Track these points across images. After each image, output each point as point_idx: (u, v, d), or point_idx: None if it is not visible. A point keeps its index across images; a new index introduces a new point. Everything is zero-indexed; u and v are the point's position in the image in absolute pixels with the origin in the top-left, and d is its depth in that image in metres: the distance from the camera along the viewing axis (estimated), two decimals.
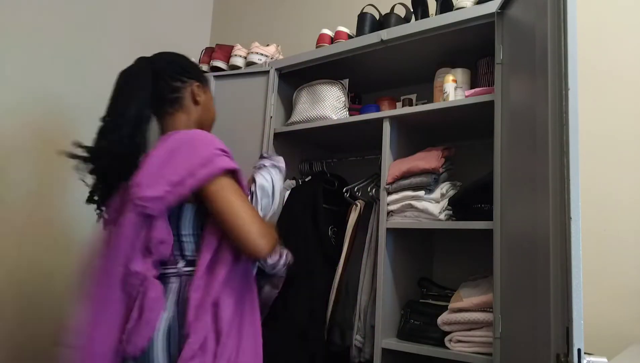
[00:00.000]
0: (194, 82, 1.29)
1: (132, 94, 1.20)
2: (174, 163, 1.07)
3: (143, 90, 1.20)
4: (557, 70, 0.99)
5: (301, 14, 2.64)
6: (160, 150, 1.11)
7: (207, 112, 1.33)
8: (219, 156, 1.10)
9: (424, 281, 1.68)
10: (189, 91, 1.28)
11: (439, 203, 1.52)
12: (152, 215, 1.05)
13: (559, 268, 0.92)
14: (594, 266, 1.50)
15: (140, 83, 1.21)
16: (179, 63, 1.30)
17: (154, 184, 1.05)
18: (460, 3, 1.55)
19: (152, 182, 1.06)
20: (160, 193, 1.04)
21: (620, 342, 1.39)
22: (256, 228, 1.08)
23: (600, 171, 1.56)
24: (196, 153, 1.09)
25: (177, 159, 1.08)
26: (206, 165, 1.07)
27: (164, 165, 1.07)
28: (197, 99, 1.29)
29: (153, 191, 1.04)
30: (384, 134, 1.64)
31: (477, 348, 1.36)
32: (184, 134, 1.14)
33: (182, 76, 1.28)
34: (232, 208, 1.08)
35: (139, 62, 1.28)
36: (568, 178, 0.90)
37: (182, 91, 1.27)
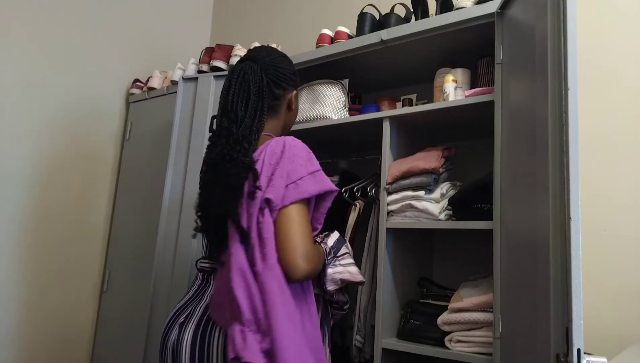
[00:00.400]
0: (293, 90, 1.29)
1: (248, 99, 1.18)
2: (280, 173, 1.08)
3: (257, 95, 1.19)
4: (557, 70, 0.99)
5: (301, 13, 2.65)
6: (267, 155, 1.11)
7: (294, 115, 1.34)
8: (312, 176, 1.11)
9: (424, 281, 1.68)
10: (287, 98, 1.28)
11: (439, 203, 1.52)
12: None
13: (559, 268, 0.92)
14: (594, 266, 1.50)
15: (254, 88, 1.19)
16: (285, 69, 1.26)
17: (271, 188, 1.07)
18: (460, 3, 1.55)
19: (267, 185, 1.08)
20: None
21: (620, 342, 1.39)
22: (302, 248, 1.05)
23: (600, 171, 1.56)
24: (293, 170, 1.09)
25: (280, 170, 1.08)
26: (296, 187, 1.07)
27: (272, 172, 1.09)
28: (292, 107, 1.30)
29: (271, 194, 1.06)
30: (384, 134, 1.64)
31: (477, 348, 1.36)
32: (284, 143, 1.13)
33: (285, 83, 1.26)
34: (290, 222, 1.06)
35: (250, 64, 1.22)
36: (568, 178, 0.90)
37: (281, 99, 1.26)
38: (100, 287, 2.45)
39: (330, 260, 1.26)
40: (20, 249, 2.15)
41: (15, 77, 2.15)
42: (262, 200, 1.05)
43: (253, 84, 1.18)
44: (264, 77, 1.20)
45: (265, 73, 1.21)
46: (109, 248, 2.47)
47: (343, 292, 1.35)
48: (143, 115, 2.50)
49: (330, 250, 1.28)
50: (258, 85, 1.19)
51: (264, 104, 1.18)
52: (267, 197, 1.05)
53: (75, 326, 2.35)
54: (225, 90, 1.21)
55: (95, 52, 2.48)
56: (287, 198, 1.06)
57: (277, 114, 1.26)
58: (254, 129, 1.15)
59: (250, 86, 1.18)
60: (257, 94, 1.18)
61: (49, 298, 2.25)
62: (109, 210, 2.52)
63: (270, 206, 1.05)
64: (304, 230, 1.06)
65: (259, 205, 1.06)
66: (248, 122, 1.15)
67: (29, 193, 2.19)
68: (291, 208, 1.06)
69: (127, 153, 2.53)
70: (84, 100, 2.43)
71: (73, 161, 2.37)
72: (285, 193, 1.06)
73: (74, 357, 2.33)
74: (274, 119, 1.25)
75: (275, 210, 1.06)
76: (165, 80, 2.48)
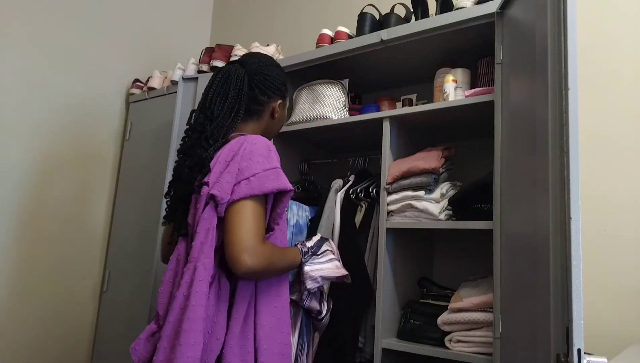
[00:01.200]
0: (278, 100, 1.30)
1: (226, 99, 1.21)
2: (231, 169, 1.09)
3: (235, 97, 1.21)
4: (557, 70, 0.99)
5: (301, 14, 2.65)
6: (225, 153, 1.13)
7: (279, 123, 1.35)
8: (266, 174, 1.10)
9: (424, 281, 1.68)
10: (272, 106, 1.29)
11: (439, 203, 1.52)
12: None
13: (559, 268, 0.92)
14: (594, 266, 1.50)
15: (233, 91, 1.22)
16: (273, 78, 1.28)
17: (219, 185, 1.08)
18: (460, 3, 1.55)
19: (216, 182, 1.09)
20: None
21: (620, 342, 1.39)
22: (246, 243, 1.03)
23: (600, 171, 1.56)
24: (247, 167, 1.09)
25: (232, 166, 1.09)
26: (248, 183, 1.07)
27: (224, 168, 1.10)
28: (275, 115, 1.30)
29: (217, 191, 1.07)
30: (384, 134, 1.64)
31: (477, 348, 1.36)
32: (244, 141, 1.14)
33: (271, 91, 1.27)
34: (238, 217, 1.06)
35: (236, 66, 1.26)
36: (568, 178, 0.90)
37: (265, 105, 1.27)
38: (100, 287, 2.45)
39: (307, 258, 1.24)
40: (20, 249, 2.15)
41: (15, 77, 2.15)
42: (207, 195, 1.07)
43: (233, 86, 1.22)
44: (247, 81, 1.23)
45: (251, 78, 1.24)
46: (109, 248, 2.47)
47: (320, 301, 1.32)
48: (143, 115, 2.50)
49: (309, 249, 1.27)
50: (238, 88, 1.22)
51: (241, 106, 1.21)
52: (212, 193, 1.06)
53: (75, 326, 2.35)
54: (207, 88, 1.25)
55: (95, 52, 2.48)
56: (237, 193, 1.06)
57: (259, 119, 1.28)
58: (224, 128, 1.18)
59: (230, 88, 1.21)
60: (236, 96, 1.21)
61: (48, 298, 2.25)
62: (109, 210, 2.52)
63: (215, 201, 1.06)
64: (251, 225, 1.05)
65: (204, 200, 1.08)
66: (221, 121, 1.18)
67: (28, 192, 2.19)
68: (240, 204, 1.06)
69: (127, 153, 2.53)
70: (84, 100, 2.43)
71: (73, 161, 2.37)
72: (236, 189, 1.06)
73: (74, 356, 2.33)
74: (254, 123, 1.27)
75: (221, 205, 1.06)
76: (165, 80, 2.48)
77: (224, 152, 1.13)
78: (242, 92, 1.22)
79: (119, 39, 2.60)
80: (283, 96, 1.32)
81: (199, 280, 1.02)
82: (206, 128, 1.17)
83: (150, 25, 2.77)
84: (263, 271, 1.06)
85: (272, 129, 1.34)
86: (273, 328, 1.11)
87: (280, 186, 1.10)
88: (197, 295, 1.01)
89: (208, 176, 1.10)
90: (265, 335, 1.09)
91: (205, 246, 1.05)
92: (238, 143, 1.13)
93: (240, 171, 1.08)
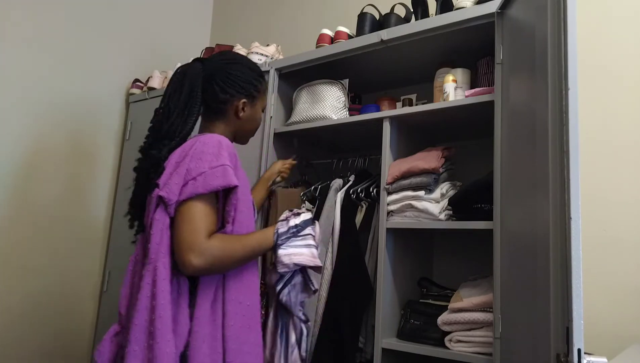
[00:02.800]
0: (241, 98, 1.26)
1: (180, 97, 1.20)
2: (179, 170, 1.09)
3: (188, 94, 1.21)
4: (557, 70, 0.99)
5: (301, 14, 2.64)
6: (177, 154, 1.13)
7: (249, 123, 1.31)
8: (212, 172, 1.08)
9: (424, 281, 1.68)
10: (234, 105, 1.25)
11: (439, 203, 1.52)
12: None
13: (559, 268, 0.92)
14: (594, 266, 1.50)
15: (187, 88, 1.21)
16: (236, 76, 1.25)
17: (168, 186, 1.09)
18: (460, 3, 1.55)
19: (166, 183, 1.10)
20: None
21: (620, 342, 1.39)
22: (189, 243, 1.04)
23: (600, 171, 1.56)
24: (195, 167, 1.09)
25: (181, 167, 1.09)
26: (194, 183, 1.07)
27: (173, 169, 1.10)
28: (239, 115, 1.27)
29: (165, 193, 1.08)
30: (384, 134, 1.64)
31: (477, 348, 1.36)
32: (196, 141, 1.13)
33: (232, 89, 1.24)
34: (184, 218, 1.07)
35: (194, 63, 1.26)
36: (568, 178, 0.90)
37: (227, 104, 1.25)
38: (100, 287, 2.45)
39: (284, 240, 1.20)
40: (20, 249, 2.15)
41: (15, 77, 2.15)
42: (156, 197, 1.08)
43: (187, 84, 1.21)
44: (204, 78, 1.22)
45: (211, 75, 1.23)
46: (109, 248, 2.47)
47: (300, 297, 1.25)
48: (143, 115, 2.49)
49: (289, 229, 1.22)
50: (192, 85, 1.21)
51: (194, 104, 1.20)
52: (160, 194, 1.07)
53: (75, 326, 2.34)
54: (167, 85, 1.25)
55: (95, 52, 2.48)
56: (183, 194, 1.06)
57: (225, 119, 1.26)
58: (179, 127, 1.18)
59: (185, 85, 1.21)
60: (189, 93, 1.20)
61: (49, 298, 2.25)
62: (109, 210, 2.52)
63: (164, 202, 1.07)
64: (195, 224, 1.05)
65: (154, 201, 1.09)
66: (175, 120, 1.18)
67: (28, 192, 2.19)
68: (187, 204, 1.07)
69: (127, 153, 2.53)
70: (84, 100, 2.43)
71: (73, 161, 2.37)
72: (184, 189, 1.07)
73: (74, 356, 2.33)
74: (221, 123, 1.26)
75: (170, 206, 1.07)
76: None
77: (177, 153, 1.13)
78: (195, 90, 1.21)
79: (119, 39, 2.60)
80: (249, 95, 1.27)
81: (162, 279, 1.03)
82: (162, 127, 1.18)
83: (150, 25, 2.77)
84: (212, 267, 1.06)
85: (243, 130, 1.31)
86: (242, 327, 1.10)
87: (225, 183, 1.08)
88: (162, 294, 1.02)
89: (159, 177, 1.11)
90: (234, 334, 1.08)
91: (161, 246, 1.06)
92: (190, 143, 1.13)
93: (188, 172, 1.08)
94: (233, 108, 1.26)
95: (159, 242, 1.06)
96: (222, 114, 1.26)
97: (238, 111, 1.26)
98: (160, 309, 1.01)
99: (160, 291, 1.02)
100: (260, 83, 1.32)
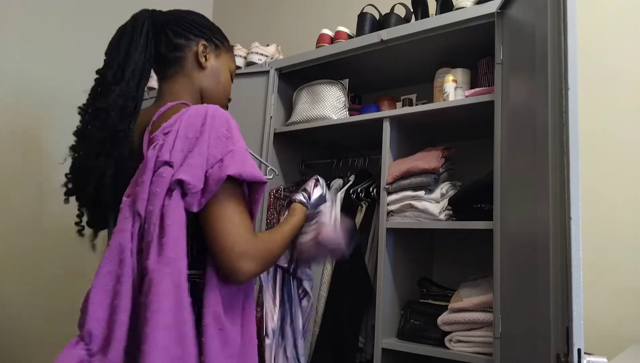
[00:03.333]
0: (200, 41, 1.05)
1: (129, 49, 1.00)
2: (200, 148, 0.86)
3: (139, 44, 1.00)
4: (557, 70, 0.99)
5: (301, 14, 2.64)
6: (180, 127, 0.88)
7: (215, 83, 1.08)
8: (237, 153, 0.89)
9: (424, 281, 1.68)
10: (193, 51, 1.05)
11: (439, 203, 1.52)
12: None
13: (559, 268, 0.92)
14: (594, 266, 1.50)
15: (135, 36, 1.00)
16: (188, 18, 1.07)
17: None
18: (460, 3, 1.55)
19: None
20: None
21: (620, 342, 1.39)
22: (240, 247, 0.86)
23: (600, 171, 1.56)
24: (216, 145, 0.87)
25: (201, 144, 0.86)
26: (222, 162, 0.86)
27: (189, 148, 0.86)
28: (200, 61, 1.05)
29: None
30: (384, 134, 1.64)
31: (477, 348, 1.36)
32: (197, 110, 0.91)
33: (189, 33, 1.05)
34: (225, 212, 0.87)
35: (140, 12, 1.06)
36: (568, 178, 0.90)
37: (184, 50, 1.04)
38: None
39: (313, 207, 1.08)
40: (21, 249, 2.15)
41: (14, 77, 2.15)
42: (170, 180, 0.83)
43: (135, 31, 1.01)
44: (153, 24, 1.03)
45: (164, 22, 1.05)
46: None
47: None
48: None
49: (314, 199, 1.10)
50: (135, 28, 1.01)
51: (142, 53, 0.99)
52: (180, 178, 0.83)
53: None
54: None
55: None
56: (213, 181, 0.84)
57: (185, 71, 1.04)
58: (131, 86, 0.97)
59: (133, 34, 1.01)
60: (130, 40, 1.00)
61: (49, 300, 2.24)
62: None
63: (182, 188, 0.84)
64: (240, 220, 0.87)
65: (165, 184, 0.83)
66: (130, 76, 0.98)
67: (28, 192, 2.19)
68: (223, 195, 0.86)
69: None
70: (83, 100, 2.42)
71: None
72: (211, 175, 0.85)
73: None
74: (181, 77, 1.04)
75: (193, 195, 0.84)
76: None
77: (182, 125, 0.89)
78: (137, 35, 1.00)
79: None
80: (209, 40, 1.07)
81: (185, 288, 0.82)
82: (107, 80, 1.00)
83: None
84: (263, 270, 0.94)
85: (210, 90, 1.07)
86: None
87: (254, 176, 0.91)
88: (187, 307, 0.81)
89: (159, 150, 0.86)
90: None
91: (180, 243, 0.83)
92: (199, 115, 0.90)
93: (210, 151, 0.86)
94: (193, 55, 1.05)
95: (177, 235, 0.82)
96: (180, 66, 1.04)
97: (199, 56, 1.05)
98: (184, 326, 0.79)
99: (186, 304, 0.81)
100: (224, 37, 1.12)
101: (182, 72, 1.05)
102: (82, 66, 2.41)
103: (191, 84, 1.05)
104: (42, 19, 2.26)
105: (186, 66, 1.05)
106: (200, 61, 1.05)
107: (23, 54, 2.18)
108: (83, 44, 2.42)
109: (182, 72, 1.05)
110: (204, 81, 1.06)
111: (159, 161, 0.85)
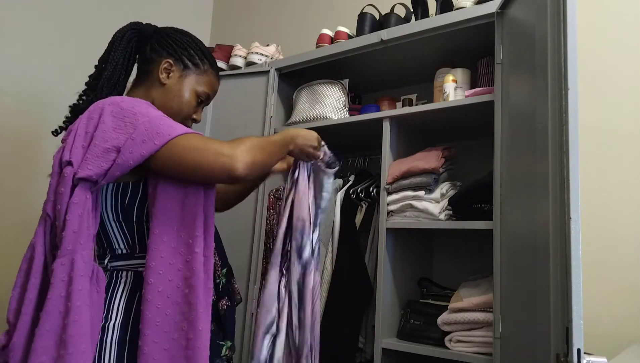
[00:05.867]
0: (168, 58, 1.10)
1: (107, 59, 1.13)
2: (98, 139, 0.92)
3: (119, 52, 1.11)
4: (557, 70, 0.99)
5: (301, 14, 2.64)
6: (79, 125, 0.96)
7: (170, 100, 1.09)
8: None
9: (424, 281, 1.68)
10: (158, 66, 1.09)
11: (439, 203, 1.52)
12: None
13: (559, 268, 0.92)
14: (593, 266, 1.50)
15: (119, 45, 1.12)
16: (171, 37, 1.12)
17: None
18: (460, 3, 1.55)
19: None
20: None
21: (620, 342, 1.39)
22: (219, 149, 0.91)
23: (600, 170, 1.56)
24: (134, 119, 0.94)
25: (100, 134, 0.92)
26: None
27: (89, 142, 0.93)
28: (160, 77, 1.09)
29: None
30: (384, 134, 1.64)
31: (477, 348, 1.36)
32: (96, 105, 0.98)
33: (162, 49, 1.10)
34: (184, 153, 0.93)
35: (125, 26, 1.16)
36: (568, 178, 0.90)
37: (152, 65, 1.10)
38: None
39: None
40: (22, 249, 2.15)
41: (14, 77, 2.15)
42: (70, 177, 0.91)
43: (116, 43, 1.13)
44: (138, 38, 1.13)
45: (149, 35, 1.13)
46: None
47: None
48: None
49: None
50: (118, 43, 1.13)
51: (121, 63, 1.11)
52: (80, 176, 0.90)
53: None
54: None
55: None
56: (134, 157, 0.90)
57: (146, 82, 1.11)
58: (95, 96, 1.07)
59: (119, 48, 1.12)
60: (111, 51, 1.13)
61: None
62: None
63: (85, 181, 0.91)
64: (202, 142, 0.93)
65: (68, 182, 0.91)
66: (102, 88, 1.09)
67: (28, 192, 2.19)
68: (173, 145, 0.92)
69: None
70: None
71: None
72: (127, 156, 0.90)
73: None
74: (141, 86, 1.11)
75: (96, 181, 0.90)
76: None
77: (81, 122, 0.96)
78: (125, 47, 1.11)
79: None
80: (178, 60, 1.10)
81: (80, 276, 0.87)
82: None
83: None
84: (256, 157, 0.96)
85: (163, 103, 1.08)
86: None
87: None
88: (80, 294, 0.86)
89: (62, 152, 0.95)
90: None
91: (81, 236, 0.89)
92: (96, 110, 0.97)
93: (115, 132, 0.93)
94: (157, 70, 1.09)
95: (77, 230, 0.89)
96: (146, 78, 1.11)
97: (160, 71, 1.09)
98: (76, 313, 0.85)
99: (78, 290, 0.86)
100: (200, 59, 1.13)
101: (145, 84, 1.11)
102: (82, 66, 2.41)
103: (145, 96, 1.09)
104: (42, 18, 2.25)
105: (149, 79, 1.11)
106: (160, 77, 1.10)
107: (23, 54, 2.18)
108: (83, 44, 2.42)
109: (144, 84, 1.11)
110: (159, 96, 1.10)
111: (63, 162, 0.93)
